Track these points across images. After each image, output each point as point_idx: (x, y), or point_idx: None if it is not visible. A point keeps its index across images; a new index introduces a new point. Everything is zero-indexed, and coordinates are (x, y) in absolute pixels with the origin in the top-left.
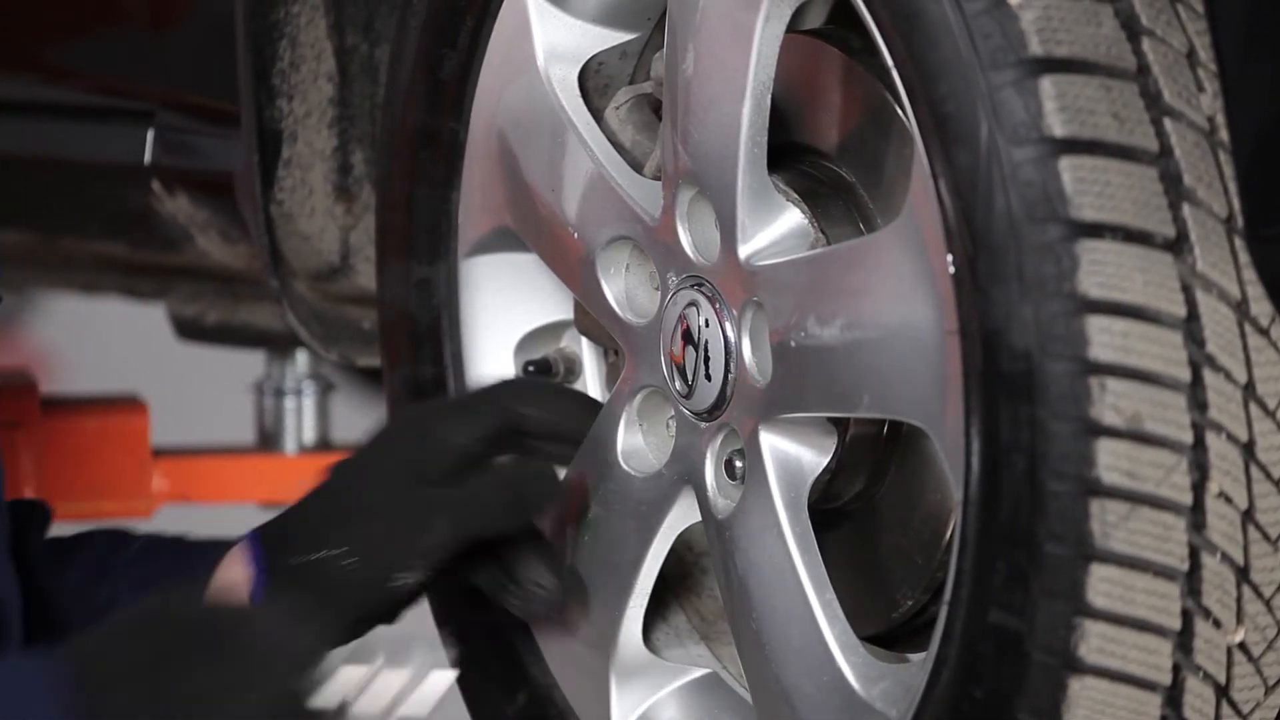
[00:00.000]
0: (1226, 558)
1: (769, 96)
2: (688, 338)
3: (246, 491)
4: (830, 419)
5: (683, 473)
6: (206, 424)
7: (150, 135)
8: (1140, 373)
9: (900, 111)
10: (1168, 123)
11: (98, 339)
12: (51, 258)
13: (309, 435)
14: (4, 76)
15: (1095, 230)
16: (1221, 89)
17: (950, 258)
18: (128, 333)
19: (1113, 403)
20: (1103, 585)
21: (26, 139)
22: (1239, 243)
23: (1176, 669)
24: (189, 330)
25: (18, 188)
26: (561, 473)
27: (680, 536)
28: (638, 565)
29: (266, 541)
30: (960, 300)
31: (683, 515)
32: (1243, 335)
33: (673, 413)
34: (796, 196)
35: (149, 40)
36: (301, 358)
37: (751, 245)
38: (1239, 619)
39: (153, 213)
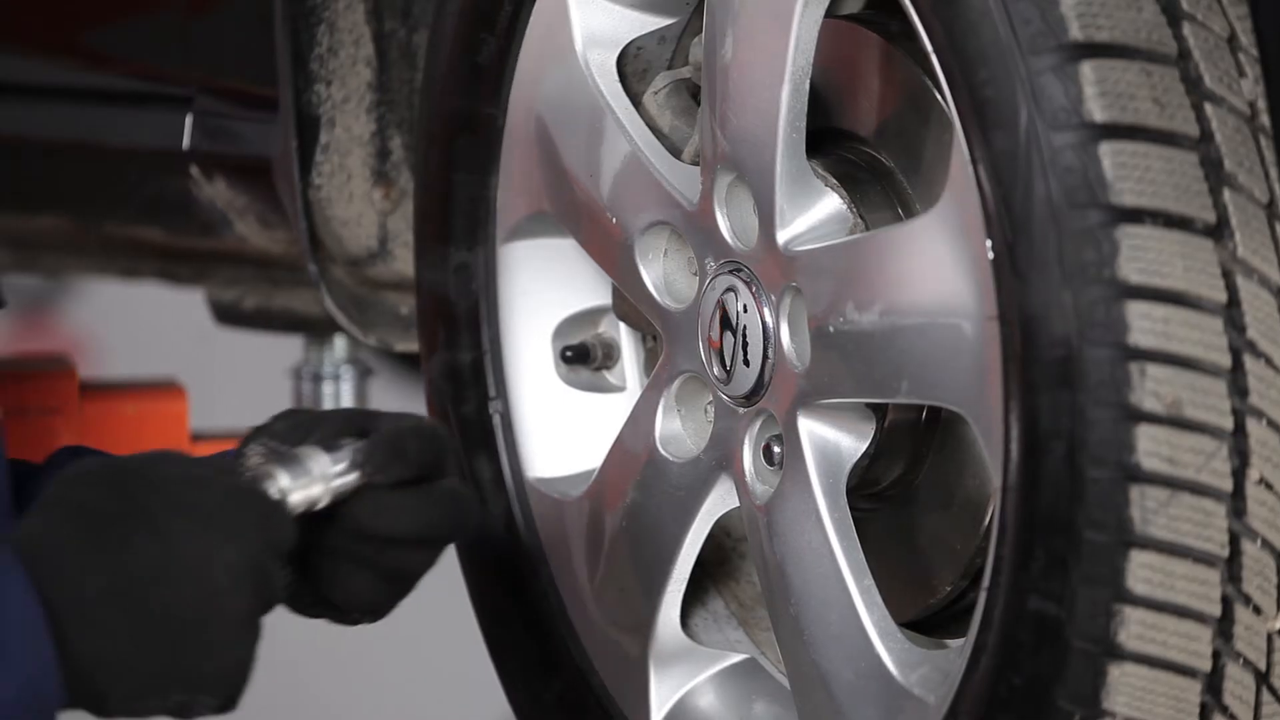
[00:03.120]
0: (1267, 544)
1: (808, 81)
2: (726, 323)
3: None
4: (869, 405)
5: (721, 458)
6: (245, 408)
7: (189, 120)
8: (1181, 358)
9: (939, 97)
10: (1208, 108)
11: (136, 324)
12: (90, 243)
13: None
14: (43, 62)
15: (1135, 215)
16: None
17: (989, 243)
18: (166, 318)
19: (1153, 388)
20: (1143, 571)
21: (65, 124)
22: None
23: (1216, 655)
24: (227, 315)
25: (57, 173)
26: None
27: (718, 522)
28: (675, 551)
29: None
30: (1000, 286)
31: (720, 501)
32: None
33: (711, 398)
34: (835, 182)
35: (187, 25)
36: (339, 343)
37: (790, 230)
38: (1279, 605)
39: (191, 198)
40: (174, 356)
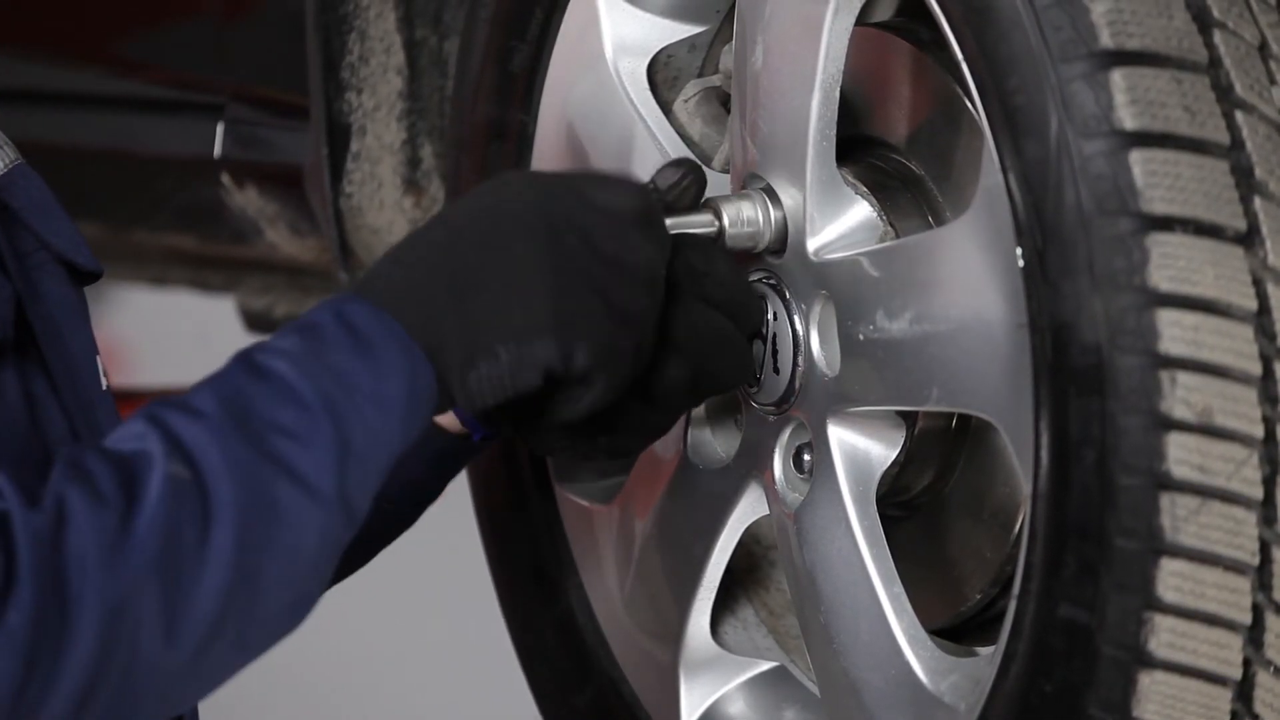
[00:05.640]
0: None
1: (838, 89)
2: (755, 330)
3: None
4: (899, 412)
5: (750, 466)
6: None
7: (220, 128)
8: (1211, 366)
9: (970, 104)
10: (1239, 115)
11: (167, 332)
12: (122, 250)
13: None
14: (77, 70)
15: (1166, 223)
16: None
17: (1020, 251)
18: (197, 326)
19: (1183, 396)
20: (1173, 579)
21: (98, 132)
22: None
23: (1247, 663)
24: (258, 323)
25: (89, 180)
26: None
27: (748, 530)
28: (705, 558)
29: None
30: (1030, 293)
31: (750, 509)
32: None
33: (740, 406)
34: (865, 189)
35: (219, 33)
36: None
37: (820, 238)
38: None
39: (222, 205)
40: (205, 365)
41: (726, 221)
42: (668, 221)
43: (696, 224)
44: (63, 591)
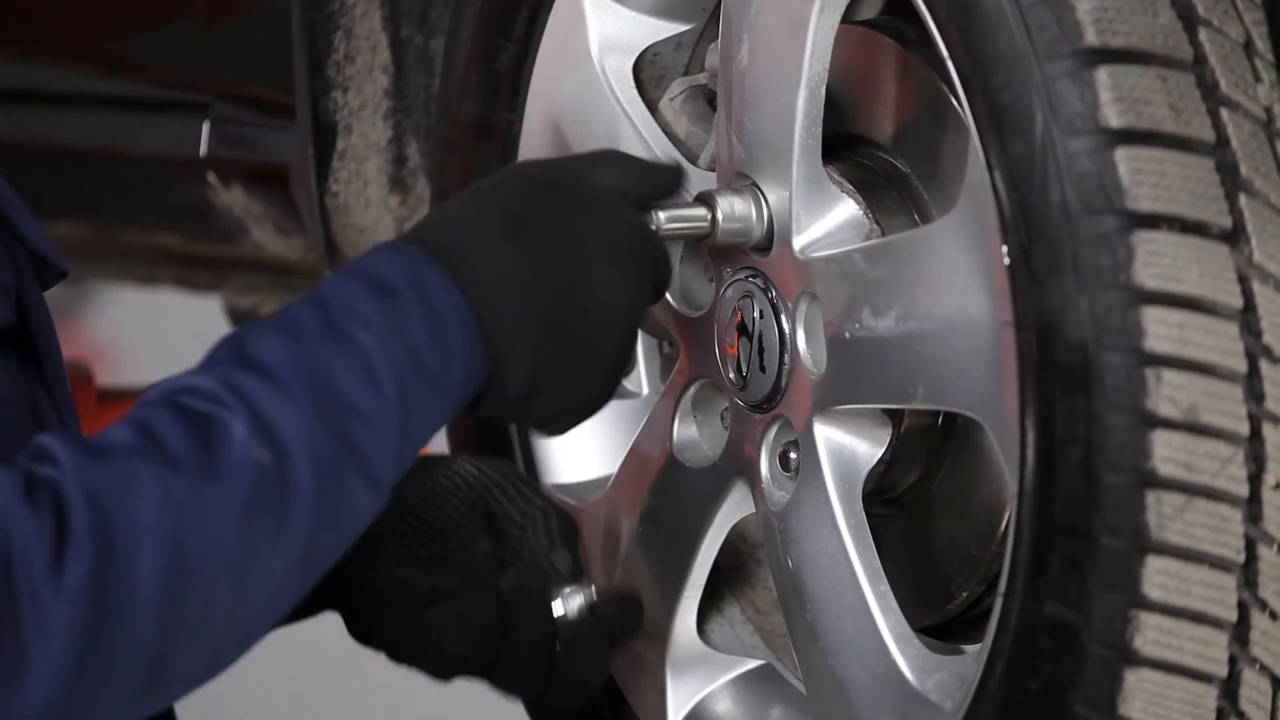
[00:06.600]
0: None
1: (824, 88)
2: (742, 329)
3: None
4: (885, 410)
5: (737, 465)
6: None
7: (206, 127)
8: (1196, 364)
9: (955, 102)
10: (1224, 113)
11: (154, 331)
12: (109, 250)
13: None
14: (63, 69)
15: (1151, 221)
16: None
17: (1005, 249)
18: (183, 325)
19: (1169, 394)
20: (1158, 577)
21: (84, 131)
22: None
23: (1233, 661)
24: (244, 322)
25: (76, 180)
26: None
27: (734, 528)
28: (692, 557)
29: None
30: (1015, 292)
31: (737, 507)
32: None
33: (727, 405)
34: (851, 188)
35: (205, 33)
36: None
37: (806, 236)
38: None
39: (209, 205)
40: (191, 364)
41: (720, 215)
42: (663, 214)
43: (691, 217)
44: (123, 561)
